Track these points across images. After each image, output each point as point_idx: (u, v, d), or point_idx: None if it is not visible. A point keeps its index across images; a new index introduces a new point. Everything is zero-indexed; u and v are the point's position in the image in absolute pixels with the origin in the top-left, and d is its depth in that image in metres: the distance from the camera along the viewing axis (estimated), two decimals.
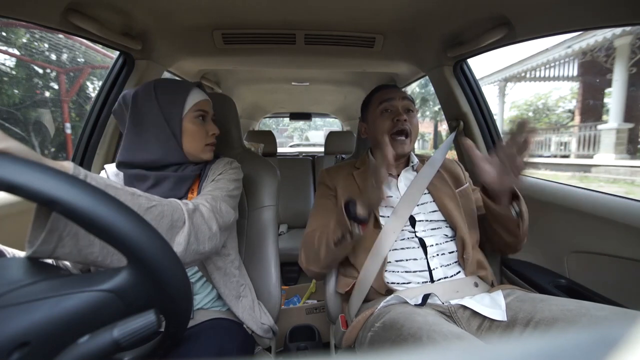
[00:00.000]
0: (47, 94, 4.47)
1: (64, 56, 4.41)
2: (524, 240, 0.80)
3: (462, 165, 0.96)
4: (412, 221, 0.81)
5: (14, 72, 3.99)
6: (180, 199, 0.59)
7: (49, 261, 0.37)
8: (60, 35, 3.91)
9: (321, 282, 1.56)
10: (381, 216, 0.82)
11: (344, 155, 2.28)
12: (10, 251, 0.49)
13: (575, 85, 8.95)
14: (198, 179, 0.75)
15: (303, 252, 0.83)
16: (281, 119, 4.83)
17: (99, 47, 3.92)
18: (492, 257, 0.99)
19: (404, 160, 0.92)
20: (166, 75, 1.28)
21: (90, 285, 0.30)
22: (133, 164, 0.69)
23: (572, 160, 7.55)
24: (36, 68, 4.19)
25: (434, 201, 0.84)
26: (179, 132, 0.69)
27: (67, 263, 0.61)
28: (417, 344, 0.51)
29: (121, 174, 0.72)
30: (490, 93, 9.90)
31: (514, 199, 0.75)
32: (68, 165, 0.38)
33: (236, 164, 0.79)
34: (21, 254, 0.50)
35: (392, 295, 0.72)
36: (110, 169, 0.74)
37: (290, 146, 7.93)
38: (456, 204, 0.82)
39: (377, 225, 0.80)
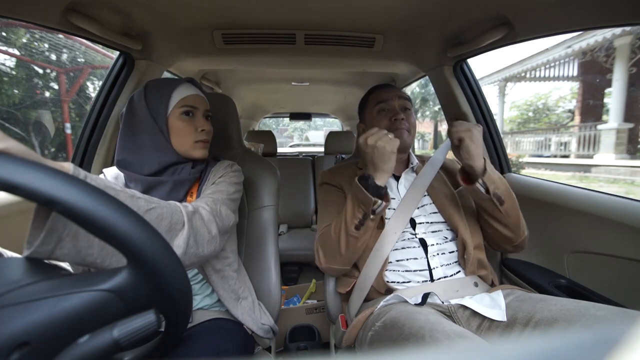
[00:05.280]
0: (47, 94, 4.47)
1: (64, 56, 4.41)
2: (522, 234, 0.77)
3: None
4: (413, 223, 0.81)
5: (14, 72, 3.99)
6: (179, 202, 0.59)
7: (49, 261, 0.37)
8: (60, 35, 3.91)
9: (321, 282, 1.57)
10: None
11: (344, 155, 2.28)
12: (8, 253, 0.49)
13: (575, 85, 8.96)
14: (198, 181, 0.74)
15: (321, 250, 0.79)
16: (281, 119, 4.83)
17: (99, 47, 3.92)
18: (492, 257, 0.99)
19: (404, 161, 0.92)
20: (166, 75, 1.28)
21: (90, 285, 0.30)
22: (130, 167, 0.68)
23: (572, 160, 7.56)
24: (36, 68, 4.19)
25: (433, 203, 0.83)
26: (166, 130, 0.69)
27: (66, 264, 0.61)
28: (420, 343, 0.51)
29: (120, 177, 0.72)
30: (490, 93, 9.92)
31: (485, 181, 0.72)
32: (68, 166, 0.38)
33: (237, 167, 0.78)
34: (19, 256, 0.50)
35: (391, 295, 0.72)
36: (109, 172, 0.74)
37: (290, 146, 7.94)
38: (456, 205, 0.82)
39: (380, 226, 0.80)
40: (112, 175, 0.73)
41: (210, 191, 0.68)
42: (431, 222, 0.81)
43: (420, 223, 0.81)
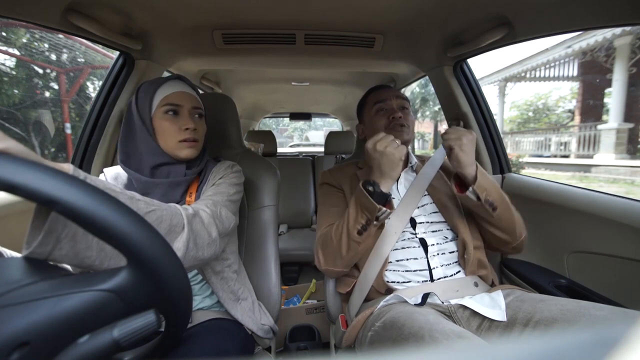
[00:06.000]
0: (47, 94, 4.47)
1: (64, 56, 4.42)
2: (519, 237, 0.77)
3: None
4: (413, 223, 0.81)
5: (14, 72, 3.99)
6: (177, 202, 0.58)
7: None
8: (60, 35, 3.91)
9: (321, 282, 1.57)
10: None
11: (344, 155, 2.28)
12: (8, 252, 0.49)
13: (575, 85, 8.96)
14: (197, 181, 0.74)
15: (321, 252, 0.79)
16: (281, 119, 4.83)
17: (99, 47, 3.92)
18: (492, 257, 0.99)
19: (403, 160, 0.92)
20: (166, 75, 1.28)
21: (90, 285, 0.30)
22: (130, 166, 0.69)
23: (572, 160, 7.56)
24: (36, 68, 4.19)
25: (433, 202, 0.83)
26: (152, 130, 0.68)
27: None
28: (419, 343, 0.51)
29: (120, 177, 0.73)
30: (490, 93, 9.92)
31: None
32: (67, 168, 0.38)
33: (237, 168, 0.78)
34: (19, 255, 0.50)
35: (391, 295, 0.72)
36: (109, 172, 0.74)
37: (290, 146, 7.94)
38: (456, 205, 0.82)
39: (379, 226, 0.80)
40: (111, 175, 0.73)
41: (211, 193, 0.68)
42: (431, 222, 0.81)
43: (420, 223, 0.81)
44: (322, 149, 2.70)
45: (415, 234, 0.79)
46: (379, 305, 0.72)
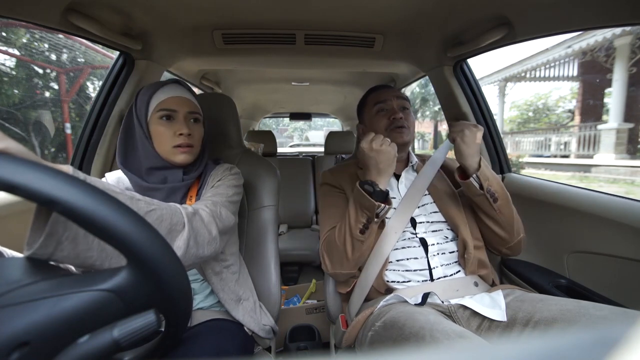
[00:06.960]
0: (47, 94, 4.47)
1: (64, 56, 4.42)
2: (517, 236, 0.77)
3: None
4: (413, 222, 0.81)
5: (14, 72, 3.99)
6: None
7: None
8: (60, 35, 3.91)
9: (321, 282, 1.57)
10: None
11: (344, 155, 2.28)
12: (9, 252, 0.49)
13: (575, 85, 8.96)
14: (197, 185, 0.74)
15: (327, 257, 0.79)
16: (281, 118, 4.83)
17: (99, 47, 3.92)
18: (492, 257, 0.99)
19: (404, 160, 0.92)
20: (166, 75, 1.28)
21: (90, 285, 0.30)
22: (131, 170, 0.69)
23: (572, 160, 7.56)
24: (36, 68, 4.19)
25: (434, 202, 0.83)
26: (149, 135, 0.68)
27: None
28: (420, 343, 0.51)
29: (122, 181, 0.73)
30: (490, 93, 9.92)
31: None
32: (67, 169, 0.38)
33: (236, 170, 0.78)
34: (20, 255, 0.50)
35: (391, 295, 0.72)
36: (111, 176, 0.74)
37: (290, 146, 7.94)
38: (457, 204, 0.82)
39: (380, 226, 0.80)
40: (113, 179, 0.73)
41: (210, 194, 0.68)
42: (432, 222, 0.81)
43: (420, 222, 0.81)
44: (322, 149, 2.70)
45: (416, 233, 0.79)
46: (379, 305, 0.72)
